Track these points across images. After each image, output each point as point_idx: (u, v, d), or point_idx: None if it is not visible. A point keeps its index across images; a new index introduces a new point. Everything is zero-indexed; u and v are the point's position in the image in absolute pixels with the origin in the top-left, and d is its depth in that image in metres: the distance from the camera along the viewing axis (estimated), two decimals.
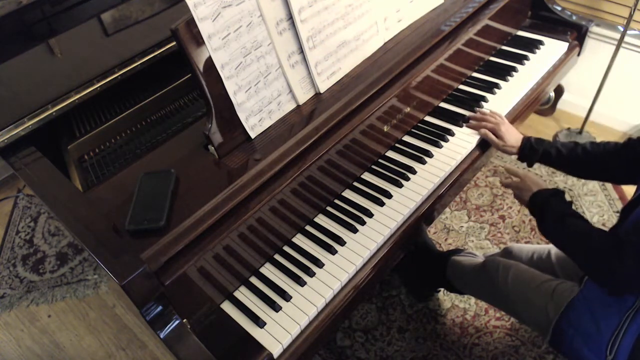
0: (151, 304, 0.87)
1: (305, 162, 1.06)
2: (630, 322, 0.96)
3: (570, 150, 1.21)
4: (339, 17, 1.17)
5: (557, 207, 1.08)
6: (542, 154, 1.25)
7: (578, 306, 1.06)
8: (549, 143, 1.26)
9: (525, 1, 1.67)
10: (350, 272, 1.06)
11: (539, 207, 1.11)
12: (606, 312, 1.00)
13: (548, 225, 1.08)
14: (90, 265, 1.95)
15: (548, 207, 1.08)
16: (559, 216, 1.05)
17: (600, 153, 1.18)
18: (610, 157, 1.16)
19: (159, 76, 1.35)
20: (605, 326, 0.99)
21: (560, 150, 1.22)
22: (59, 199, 1.01)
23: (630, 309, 0.96)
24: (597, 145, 1.19)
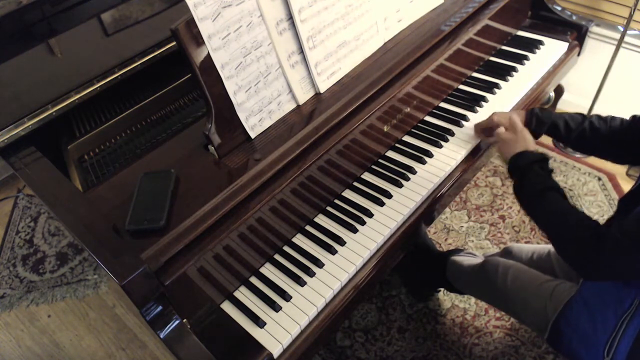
0: (151, 304, 0.87)
1: (305, 162, 1.06)
2: (628, 325, 0.95)
3: (578, 123, 1.18)
4: (339, 17, 1.17)
5: (539, 177, 1.03)
6: (550, 125, 1.21)
7: (575, 307, 1.05)
8: (556, 114, 1.22)
9: (525, 1, 1.67)
10: (350, 272, 1.06)
11: (520, 171, 1.07)
12: (603, 314, 0.99)
13: (525, 195, 1.05)
14: (90, 265, 1.95)
15: (529, 173, 1.04)
16: (539, 188, 1.01)
17: (606, 130, 1.15)
18: (615, 135, 1.13)
19: (159, 76, 1.35)
20: (602, 327, 0.99)
21: (568, 122, 1.19)
22: (59, 199, 1.01)
23: (627, 311, 0.95)
24: (603, 121, 1.16)
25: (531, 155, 1.08)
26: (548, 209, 0.99)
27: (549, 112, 1.23)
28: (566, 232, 0.95)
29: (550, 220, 0.99)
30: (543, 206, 1.00)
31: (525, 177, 1.05)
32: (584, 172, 2.04)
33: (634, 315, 0.94)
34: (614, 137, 1.14)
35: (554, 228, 0.98)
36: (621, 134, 1.13)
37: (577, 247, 0.92)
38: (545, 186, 1.01)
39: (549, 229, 1.00)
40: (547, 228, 1.00)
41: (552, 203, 0.99)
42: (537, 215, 1.03)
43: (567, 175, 2.04)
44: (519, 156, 1.09)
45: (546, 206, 1.00)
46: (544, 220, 1.01)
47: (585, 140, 1.19)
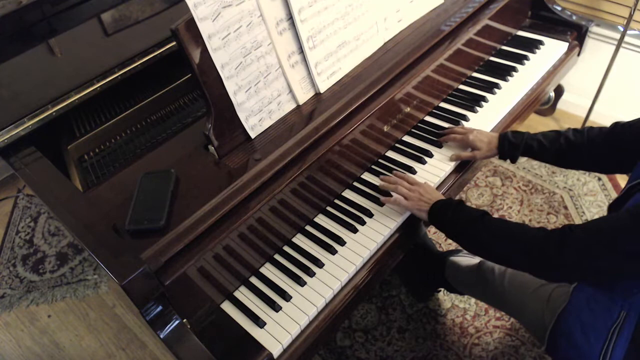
0: (151, 304, 0.87)
1: (305, 162, 1.06)
2: (618, 335, 0.94)
3: (553, 141, 1.16)
4: (339, 17, 1.17)
5: (465, 214, 1.03)
6: (524, 148, 1.20)
7: (568, 318, 1.04)
8: (529, 135, 1.20)
9: (525, 1, 1.67)
10: (350, 272, 1.06)
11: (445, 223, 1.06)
12: (594, 324, 0.97)
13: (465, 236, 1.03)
14: (90, 265, 1.95)
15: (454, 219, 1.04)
16: (472, 220, 1.01)
17: (584, 142, 1.12)
18: (595, 146, 1.11)
19: (159, 76, 1.35)
20: (594, 338, 0.97)
21: (542, 142, 1.17)
22: (59, 199, 1.01)
23: (616, 322, 0.94)
24: (580, 134, 1.14)
25: (442, 205, 1.07)
26: (492, 232, 0.98)
27: (520, 134, 1.21)
28: (521, 243, 0.93)
29: (500, 240, 0.97)
30: (486, 232, 0.99)
31: (454, 224, 1.04)
32: (584, 172, 2.04)
33: (623, 326, 0.93)
34: (594, 147, 1.11)
35: (508, 245, 0.96)
36: (601, 143, 1.11)
37: (539, 254, 0.91)
38: (476, 215, 1.01)
39: (503, 248, 0.98)
40: (501, 249, 0.98)
41: (491, 225, 0.99)
42: (485, 243, 1.01)
43: (567, 175, 2.04)
44: (432, 213, 1.08)
45: (489, 231, 0.98)
46: (493, 244, 0.99)
47: (564, 157, 1.17)
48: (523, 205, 1.95)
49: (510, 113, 1.44)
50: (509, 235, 0.96)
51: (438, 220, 1.08)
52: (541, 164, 2.08)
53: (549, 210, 1.92)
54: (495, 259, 1.04)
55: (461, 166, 1.30)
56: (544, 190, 1.99)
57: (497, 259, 1.04)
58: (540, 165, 2.08)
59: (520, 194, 1.99)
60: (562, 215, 1.90)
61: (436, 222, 1.09)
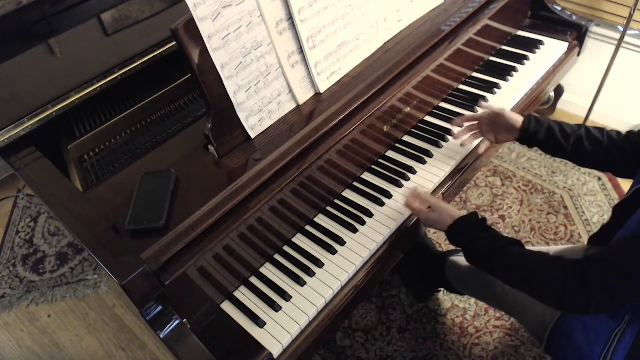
0: (151, 304, 0.87)
1: (305, 162, 1.06)
2: (620, 339, 0.94)
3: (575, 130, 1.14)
4: (339, 17, 1.17)
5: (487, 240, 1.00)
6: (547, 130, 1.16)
7: (570, 319, 1.04)
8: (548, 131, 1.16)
9: (525, 1, 1.67)
10: (350, 272, 1.06)
11: (466, 242, 1.04)
12: (596, 327, 0.97)
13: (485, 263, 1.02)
14: (90, 265, 1.95)
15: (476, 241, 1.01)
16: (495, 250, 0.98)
17: (603, 140, 1.11)
18: (610, 149, 1.10)
19: (159, 76, 1.35)
20: (595, 340, 0.97)
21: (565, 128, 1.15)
22: (59, 199, 1.01)
23: (619, 326, 0.94)
24: (599, 132, 1.12)
25: (466, 222, 1.04)
26: (515, 266, 0.96)
27: (540, 127, 1.18)
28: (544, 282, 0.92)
29: (523, 276, 0.95)
30: (509, 266, 0.97)
31: (474, 246, 1.02)
32: (584, 172, 2.04)
33: (625, 330, 0.93)
34: (609, 150, 1.11)
35: (530, 282, 0.95)
36: (616, 148, 1.10)
37: (562, 294, 0.89)
38: (499, 245, 0.99)
39: (525, 284, 0.96)
40: (522, 284, 0.97)
41: (515, 259, 0.96)
42: (507, 275, 0.99)
43: (567, 175, 2.04)
44: (454, 229, 1.05)
45: (512, 265, 0.96)
46: (516, 278, 0.98)
47: (582, 149, 1.15)
48: (523, 205, 1.95)
49: None
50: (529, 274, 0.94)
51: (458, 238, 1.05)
52: (541, 164, 2.08)
53: (549, 210, 1.92)
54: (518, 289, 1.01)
55: (461, 166, 1.30)
56: (544, 190, 1.99)
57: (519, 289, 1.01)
58: (540, 165, 2.08)
59: (520, 194, 1.99)
60: (562, 215, 1.90)
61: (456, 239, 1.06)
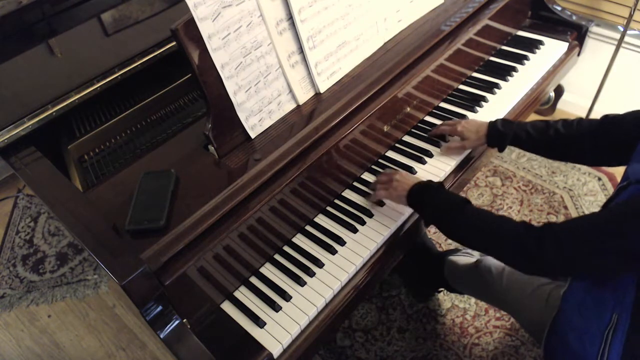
0: (151, 304, 0.87)
1: (305, 162, 1.06)
2: (612, 339, 0.93)
3: (542, 132, 1.15)
4: (339, 17, 1.17)
5: (446, 198, 1.02)
6: (512, 137, 1.19)
7: (561, 324, 1.04)
8: (518, 125, 1.19)
9: (525, 1, 1.67)
10: (350, 272, 1.06)
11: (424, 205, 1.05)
12: (587, 329, 0.97)
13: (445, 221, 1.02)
14: (90, 265, 1.95)
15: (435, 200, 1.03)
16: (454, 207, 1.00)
17: (574, 134, 1.12)
18: (584, 138, 1.10)
19: (159, 76, 1.35)
20: (590, 343, 0.97)
21: (530, 132, 1.17)
22: (59, 199, 1.01)
23: (608, 325, 0.93)
24: (569, 126, 1.13)
25: (421, 188, 1.07)
26: (472, 222, 0.98)
27: (510, 123, 1.21)
28: (501, 236, 0.93)
29: (480, 231, 0.97)
30: (466, 222, 0.98)
31: (433, 208, 1.04)
32: (584, 172, 2.04)
33: (616, 329, 0.93)
34: (584, 139, 1.11)
35: (488, 237, 0.96)
36: (592, 136, 1.10)
37: (518, 248, 0.91)
38: (456, 202, 1.01)
39: (483, 240, 0.98)
40: (480, 240, 0.98)
41: (472, 215, 0.98)
42: (464, 232, 1.00)
43: (567, 175, 2.04)
44: (411, 195, 1.07)
45: (470, 221, 0.98)
46: (473, 234, 0.99)
47: (552, 148, 1.17)
48: (523, 205, 1.95)
49: (510, 113, 1.44)
50: (490, 228, 0.95)
51: (417, 203, 1.07)
52: (541, 164, 2.08)
53: (549, 210, 1.92)
54: (474, 248, 1.03)
55: (461, 166, 1.30)
56: (544, 190, 1.99)
57: (476, 248, 1.03)
58: (540, 165, 2.08)
59: (520, 194, 1.99)
60: (562, 215, 1.90)
61: (415, 205, 1.08)
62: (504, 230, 0.93)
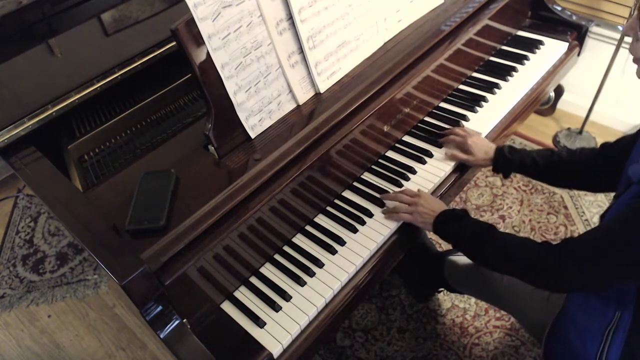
0: (151, 304, 0.87)
1: (305, 162, 1.06)
2: (613, 337, 0.94)
3: (546, 159, 1.19)
4: (339, 17, 1.17)
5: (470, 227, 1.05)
6: (518, 165, 1.22)
7: (563, 322, 1.04)
8: (524, 153, 1.23)
9: (525, 1, 1.67)
10: (350, 272, 1.06)
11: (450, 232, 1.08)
12: (589, 327, 0.98)
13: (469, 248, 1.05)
14: (90, 265, 1.95)
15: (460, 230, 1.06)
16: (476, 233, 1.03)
17: (576, 161, 1.15)
18: (587, 165, 1.14)
19: (159, 76, 1.35)
20: (590, 341, 0.97)
21: (536, 159, 1.20)
22: (59, 199, 1.01)
23: (610, 324, 0.94)
24: (573, 154, 1.17)
25: (447, 217, 1.08)
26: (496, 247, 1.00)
27: (517, 151, 1.23)
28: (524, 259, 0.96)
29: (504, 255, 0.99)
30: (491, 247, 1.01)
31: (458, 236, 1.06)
32: None
33: (617, 328, 0.93)
34: (586, 166, 1.14)
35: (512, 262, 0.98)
36: (592, 163, 1.13)
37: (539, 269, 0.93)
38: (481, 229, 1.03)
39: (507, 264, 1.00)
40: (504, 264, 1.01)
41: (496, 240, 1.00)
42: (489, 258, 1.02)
43: None
44: (437, 223, 1.09)
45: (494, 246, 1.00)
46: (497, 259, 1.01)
47: (555, 175, 1.20)
48: (523, 205, 1.95)
49: (510, 113, 1.44)
50: (513, 252, 0.98)
51: (443, 231, 1.09)
52: None
53: (549, 210, 1.92)
54: (499, 271, 1.06)
55: (461, 166, 1.30)
56: (544, 190, 1.99)
57: (501, 271, 1.05)
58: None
59: (520, 194, 1.99)
60: (562, 215, 1.90)
61: (441, 233, 1.09)
62: (526, 254, 0.95)
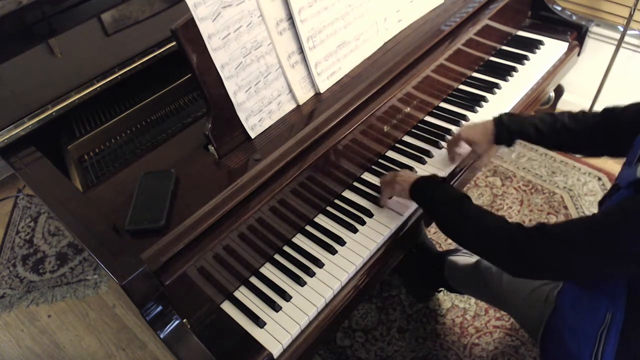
0: (151, 304, 0.87)
1: (305, 162, 1.06)
2: (607, 337, 0.94)
3: (549, 126, 1.15)
4: (339, 17, 1.17)
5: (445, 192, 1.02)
6: (521, 132, 1.18)
7: (556, 322, 1.04)
8: (525, 120, 1.18)
9: (525, 1, 1.67)
10: (350, 272, 1.06)
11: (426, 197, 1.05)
12: (582, 328, 0.97)
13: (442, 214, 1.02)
14: (90, 265, 1.95)
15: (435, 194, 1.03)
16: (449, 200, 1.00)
17: (580, 128, 1.13)
18: (590, 131, 1.12)
19: (159, 76, 1.35)
20: (584, 342, 0.97)
21: (539, 127, 1.16)
22: (59, 199, 1.01)
23: (602, 324, 0.94)
24: (576, 120, 1.14)
25: (424, 181, 1.07)
26: (468, 218, 0.97)
27: (517, 119, 1.19)
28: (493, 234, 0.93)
29: (473, 227, 0.96)
30: (462, 216, 0.98)
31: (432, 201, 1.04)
32: (584, 172, 2.04)
33: (610, 327, 0.93)
34: (588, 132, 1.12)
35: (480, 234, 0.96)
36: (595, 129, 1.11)
37: (508, 246, 0.91)
38: (455, 197, 1.01)
39: (475, 236, 0.97)
40: (472, 236, 0.98)
41: (469, 211, 0.98)
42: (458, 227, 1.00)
43: (567, 175, 2.04)
44: (414, 188, 1.07)
45: (465, 216, 0.98)
46: (466, 230, 0.99)
47: (560, 141, 1.17)
48: (523, 205, 1.95)
49: None
50: (483, 225, 0.95)
51: (418, 196, 1.08)
52: (541, 164, 2.08)
53: (549, 210, 1.92)
54: (465, 245, 1.03)
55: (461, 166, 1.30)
56: (544, 190, 1.99)
57: (467, 245, 1.02)
58: (540, 165, 2.08)
59: (520, 194, 1.99)
60: (562, 215, 1.90)
61: (417, 198, 1.08)
62: (496, 227, 0.93)
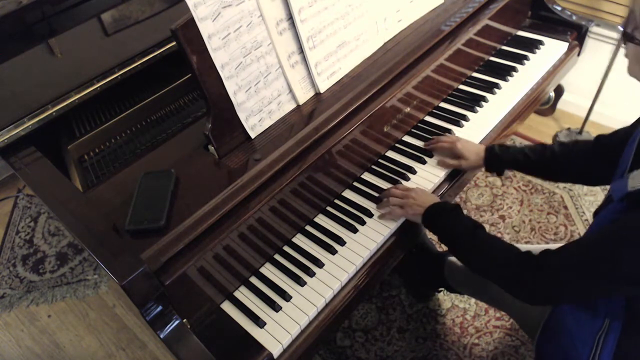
0: (151, 304, 0.87)
1: (305, 162, 1.06)
2: (604, 343, 0.94)
3: (539, 154, 1.18)
4: (339, 17, 1.17)
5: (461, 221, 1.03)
6: (511, 161, 1.21)
7: (554, 326, 1.04)
8: (515, 149, 1.21)
9: (525, 1, 1.67)
10: (350, 272, 1.06)
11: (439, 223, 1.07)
12: (579, 332, 0.98)
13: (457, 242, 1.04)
14: (90, 265, 1.95)
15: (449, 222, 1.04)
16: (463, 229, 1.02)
17: (569, 155, 1.15)
18: (580, 158, 1.13)
19: (159, 76, 1.35)
20: (581, 346, 0.97)
21: (528, 155, 1.19)
22: (59, 199, 1.01)
23: (600, 329, 0.94)
24: (566, 147, 1.16)
25: (436, 209, 1.07)
26: (479, 247, 0.99)
27: (507, 148, 1.22)
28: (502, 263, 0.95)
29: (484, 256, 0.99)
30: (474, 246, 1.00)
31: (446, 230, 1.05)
32: None
33: (608, 333, 0.94)
34: (580, 159, 1.13)
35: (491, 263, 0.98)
36: (586, 155, 1.13)
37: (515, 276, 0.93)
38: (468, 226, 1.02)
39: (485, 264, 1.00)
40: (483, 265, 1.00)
41: (481, 241, 1.00)
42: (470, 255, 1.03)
43: None
44: (427, 216, 1.08)
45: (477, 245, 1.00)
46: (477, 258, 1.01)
47: (548, 169, 1.19)
48: (523, 205, 1.95)
49: (510, 113, 1.44)
50: (494, 255, 0.97)
51: (432, 224, 1.08)
52: None
53: (549, 210, 1.92)
54: (477, 272, 1.05)
55: None
56: (544, 190, 1.99)
57: (479, 273, 1.04)
58: None
59: (520, 194, 1.99)
60: (562, 215, 1.90)
61: (430, 225, 1.09)
62: (506, 258, 0.95)
